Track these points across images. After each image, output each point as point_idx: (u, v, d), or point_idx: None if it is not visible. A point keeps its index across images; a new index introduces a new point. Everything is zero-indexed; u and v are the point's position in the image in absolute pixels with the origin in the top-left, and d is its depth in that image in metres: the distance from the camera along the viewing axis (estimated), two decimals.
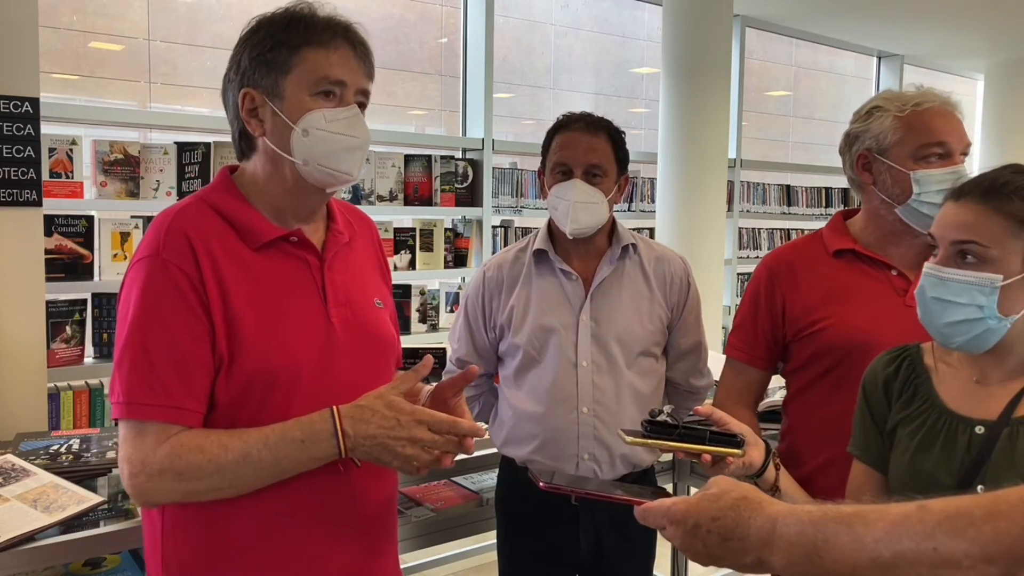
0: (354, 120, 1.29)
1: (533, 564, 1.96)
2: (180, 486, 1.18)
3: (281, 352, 1.24)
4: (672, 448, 1.28)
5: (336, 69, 1.27)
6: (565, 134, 1.88)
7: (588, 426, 1.85)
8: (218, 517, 1.24)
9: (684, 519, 0.95)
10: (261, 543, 1.26)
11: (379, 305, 1.41)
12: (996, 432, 1.19)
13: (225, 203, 1.29)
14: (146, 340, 1.19)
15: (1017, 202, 1.16)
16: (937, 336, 1.25)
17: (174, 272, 1.20)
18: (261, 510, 1.24)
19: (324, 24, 1.27)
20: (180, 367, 1.19)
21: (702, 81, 4.58)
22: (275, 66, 1.25)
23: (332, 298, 1.31)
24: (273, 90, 1.26)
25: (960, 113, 1.62)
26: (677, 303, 1.94)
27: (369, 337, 1.35)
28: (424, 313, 3.90)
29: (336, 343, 1.30)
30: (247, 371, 1.21)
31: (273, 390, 1.22)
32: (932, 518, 0.82)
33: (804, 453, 1.69)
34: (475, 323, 1.97)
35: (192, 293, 1.20)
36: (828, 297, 1.67)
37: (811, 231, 1.87)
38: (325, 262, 1.33)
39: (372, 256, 1.48)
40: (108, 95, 3.95)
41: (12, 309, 2.48)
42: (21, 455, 1.90)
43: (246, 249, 1.27)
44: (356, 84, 1.29)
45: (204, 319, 1.20)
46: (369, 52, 1.33)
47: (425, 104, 4.99)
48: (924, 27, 6.07)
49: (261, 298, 1.25)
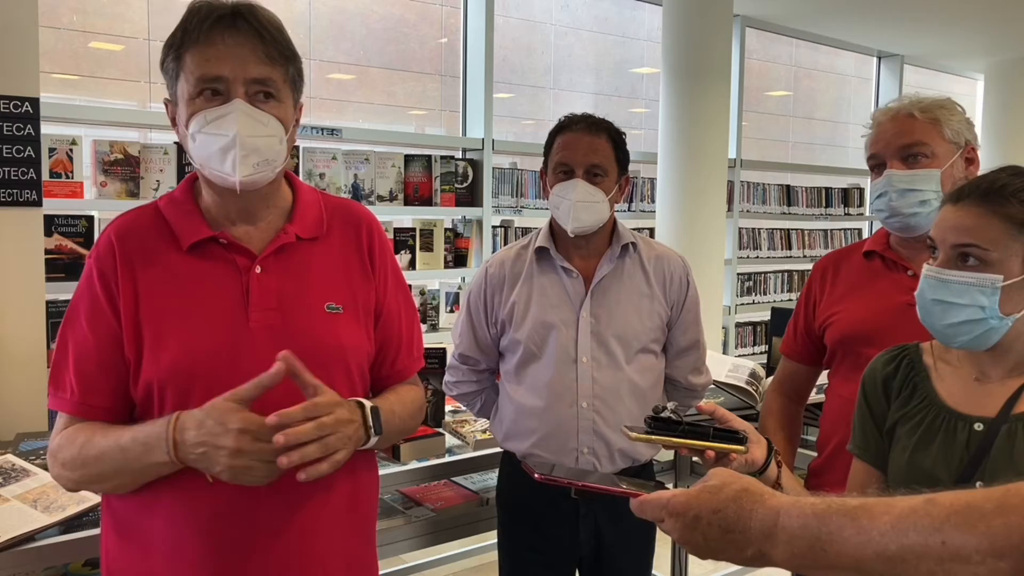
0: (227, 117, 1.20)
1: (533, 557, 1.97)
2: (68, 474, 1.24)
3: (178, 356, 1.22)
4: (676, 444, 1.28)
5: (212, 65, 1.20)
6: (567, 135, 1.91)
7: (587, 421, 1.87)
8: (131, 521, 1.27)
9: (684, 511, 0.94)
10: (171, 552, 1.24)
11: (333, 310, 1.32)
12: (995, 429, 1.20)
13: (170, 206, 1.32)
14: (66, 337, 1.27)
15: (1016, 204, 1.17)
16: (939, 336, 1.26)
17: (95, 275, 1.26)
18: (165, 520, 1.24)
19: (205, 18, 1.20)
20: (87, 365, 1.25)
21: (702, 81, 4.58)
22: (171, 74, 1.25)
23: (257, 302, 1.26)
24: (174, 98, 1.26)
25: (922, 112, 1.65)
26: (676, 301, 1.97)
27: (300, 344, 1.22)
28: (424, 313, 3.91)
29: (250, 348, 1.23)
30: (147, 373, 1.23)
31: (170, 393, 1.22)
32: (940, 512, 0.81)
33: (823, 441, 1.80)
34: (477, 319, 1.99)
35: (104, 295, 1.25)
36: (844, 294, 1.78)
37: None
38: (258, 264, 1.28)
39: (350, 257, 1.38)
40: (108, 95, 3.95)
41: (12, 309, 2.48)
42: (21, 455, 1.90)
43: (178, 251, 1.27)
44: (243, 74, 1.21)
45: (112, 321, 1.24)
46: (268, 35, 1.22)
47: (425, 104, 4.99)
48: (924, 27, 6.07)
49: (175, 301, 1.25)
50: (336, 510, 1.32)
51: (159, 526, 1.25)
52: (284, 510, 1.26)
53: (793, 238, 6.04)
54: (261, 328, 1.25)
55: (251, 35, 1.21)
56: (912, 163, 1.64)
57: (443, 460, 2.21)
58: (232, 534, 1.24)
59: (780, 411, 1.91)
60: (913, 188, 1.62)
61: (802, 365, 1.90)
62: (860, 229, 6.61)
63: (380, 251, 1.42)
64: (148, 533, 1.26)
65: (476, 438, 2.30)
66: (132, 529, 1.27)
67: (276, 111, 1.25)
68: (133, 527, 1.27)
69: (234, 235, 1.29)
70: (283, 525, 1.26)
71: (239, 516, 1.23)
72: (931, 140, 1.63)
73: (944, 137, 1.64)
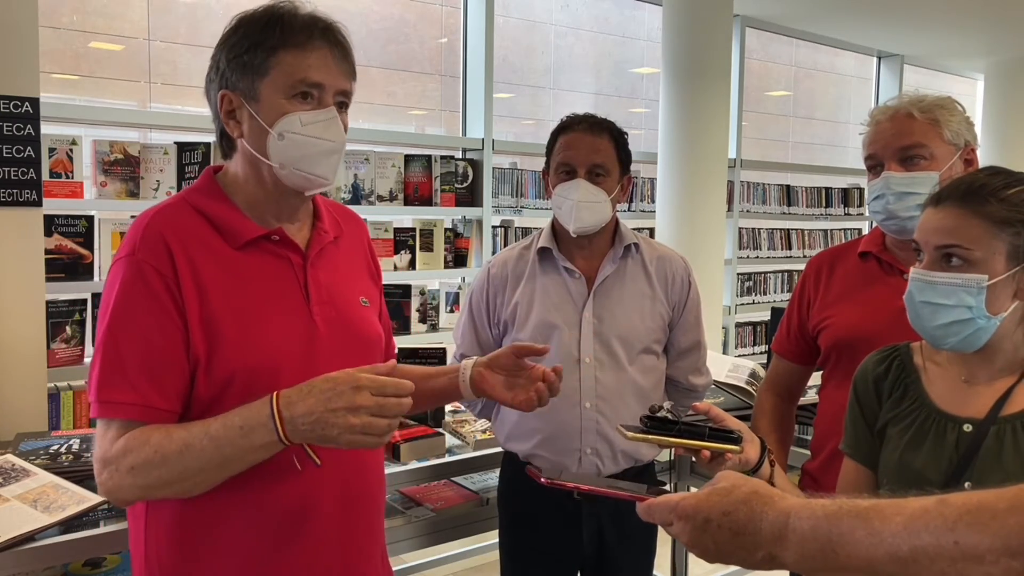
0: (330, 123, 1.26)
1: (535, 558, 1.97)
2: (135, 481, 1.16)
3: (261, 351, 1.23)
4: (671, 444, 1.28)
5: (313, 71, 1.24)
6: (569, 135, 1.91)
7: (591, 421, 1.88)
8: (193, 519, 1.24)
9: (694, 514, 0.93)
10: (237, 547, 1.24)
11: (365, 304, 1.40)
12: (984, 430, 1.22)
13: (207, 203, 1.29)
14: (118, 339, 1.20)
15: (995, 203, 1.18)
16: (929, 338, 1.27)
17: (148, 272, 1.20)
18: (233, 514, 1.23)
19: (302, 24, 1.24)
20: (150, 366, 1.19)
21: (702, 81, 4.57)
22: (251, 68, 1.23)
23: (315, 296, 1.30)
24: (250, 92, 1.25)
25: (922, 113, 1.63)
26: (678, 302, 1.98)
27: (353, 335, 1.34)
28: (424, 313, 3.90)
29: (318, 341, 1.28)
30: (227, 370, 1.21)
31: (253, 389, 1.20)
32: (953, 512, 0.80)
33: (817, 445, 1.79)
34: (479, 319, 2.00)
35: (165, 293, 1.20)
36: (839, 297, 1.75)
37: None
38: (308, 260, 1.32)
39: (360, 256, 1.47)
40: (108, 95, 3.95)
41: (12, 309, 2.48)
42: (21, 455, 1.90)
43: (227, 248, 1.26)
44: (335, 86, 1.27)
45: (177, 319, 1.20)
46: (349, 52, 1.29)
47: (425, 104, 4.98)
48: (924, 27, 6.07)
49: (241, 297, 1.24)
50: (377, 504, 1.41)
51: (236, 530, 1.23)
52: (342, 499, 1.31)
53: (793, 238, 6.04)
54: (322, 321, 1.30)
55: (340, 49, 1.27)
56: (910, 165, 1.62)
57: (443, 460, 2.21)
58: (298, 535, 1.26)
59: (773, 411, 1.91)
60: (911, 191, 1.60)
61: (795, 364, 1.89)
62: (860, 229, 6.60)
63: (374, 251, 1.53)
64: (221, 541, 1.23)
65: (476, 438, 2.30)
66: (205, 539, 1.24)
67: (346, 120, 1.31)
68: (207, 536, 1.24)
69: (287, 233, 1.31)
70: (342, 517, 1.31)
71: (306, 515, 1.26)
72: (930, 141, 1.61)
73: (943, 138, 1.62)
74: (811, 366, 1.89)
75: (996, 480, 1.17)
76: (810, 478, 1.79)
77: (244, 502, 1.23)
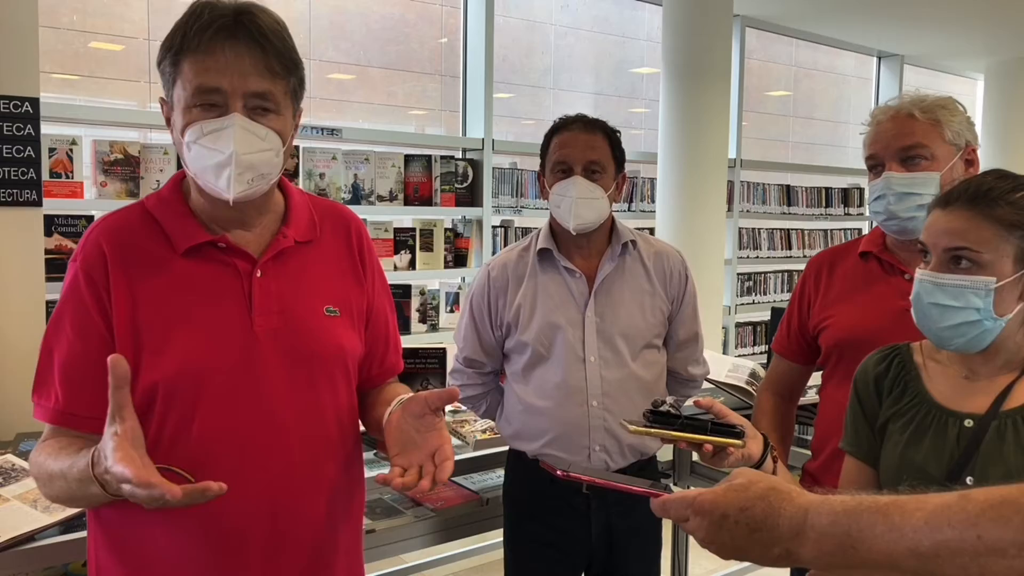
0: (222, 132, 1.16)
1: (543, 553, 1.98)
2: (41, 488, 1.22)
3: (182, 360, 1.19)
4: (675, 438, 1.28)
5: (211, 76, 1.15)
6: (563, 134, 1.94)
7: (598, 419, 1.89)
8: (133, 531, 1.22)
9: (711, 510, 0.92)
10: (175, 561, 1.21)
11: (331, 313, 1.31)
12: (984, 425, 1.22)
13: (160, 208, 1.27)
14: (51, 344, 1.22)
15: (1004, 207, 1.20)
16: (935, 340, 1.27)
17: (82, 279, 1.21)
18: (170, 528, 1.20)
19: (206, 24, 1.15)
20: (68, 373, 1.20)
21: (702, 81, 4.57)
22: (167, 77, 1.21)
23: (260, 305, 1.24)
24: (171, 100, 1.22)
25: (923, 113, 1.62)
26: (676, 296, 2.01)
27: (302, 347, 1.26)
28: (424, 313, 3.90)
29: (257, 352, 1.23)
30: (149, 378, 1.18)
31: (175, 400, 1.18)
32: (975, 507, 0.80)
33: (818, 445, 1.79)
34: (481, 322, 2.00)
35: (93, 301, 1.20)
36: (840, 297, 1.75)
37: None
38: (258, 268, 1.25)
39: (343, 259, 1.38)
40: (108, 95, 3.95)
41: (12, 309, 2.48)
42: (21, 455, 1.90)
43: (173, 254, 1.23)
44: (242, 88, 1.16)
45: (101, 327, 1.19)
46: (272, 46, 1.17)
47: (425, 104, 4.98)
48: (924, 27, 6.07)
49: (174, 305, 1.21)
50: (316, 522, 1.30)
51: (159, 534, 1.21)
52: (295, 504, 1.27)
53: (793, 238, 6.04)
54: (265, 332, 1.24)
55: (252, 46, 1.16)
56: (911, 165, 1.62)
57: None
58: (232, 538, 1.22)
59: (773, 411, 1.91)
60: (912, 191, 1.60)
61: (795, 364, 1.89)
62: (860, 229, 6.60)
63: (368, 253, 1.42)
64: (146, 544, 1.22)
65: (476, 438, 2.30)
66: (128, 540, 1.23)
67: (274, 124, 1.21)
68: (129, 538, 1.23)
69: (232, 239, 1.26)
70: (286, 519, 1.25)
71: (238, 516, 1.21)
72: (931, 142, 1.61)
73: (944, 139, 1.62)
74: (811, 366, 1.89)
75: (998, 474, 1.18)
76: (811, 478, 1.79)
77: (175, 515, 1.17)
